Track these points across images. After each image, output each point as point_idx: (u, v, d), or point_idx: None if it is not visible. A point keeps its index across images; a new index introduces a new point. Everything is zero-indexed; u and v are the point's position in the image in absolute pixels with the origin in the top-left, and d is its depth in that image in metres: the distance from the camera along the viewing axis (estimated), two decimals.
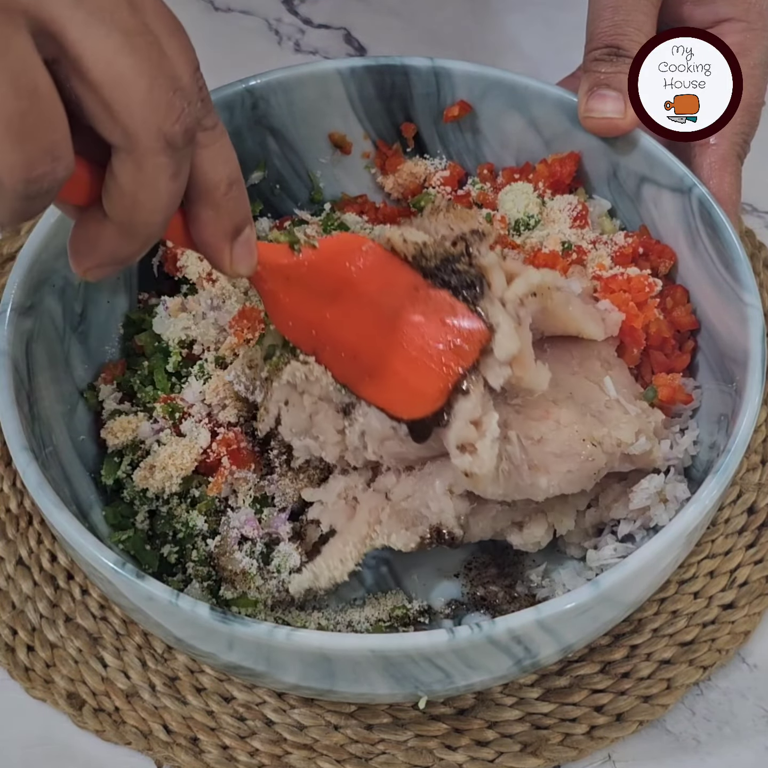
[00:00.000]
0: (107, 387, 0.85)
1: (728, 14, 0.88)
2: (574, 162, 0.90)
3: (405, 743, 0.80)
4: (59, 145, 0.53)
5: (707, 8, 0.88)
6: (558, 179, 0.90)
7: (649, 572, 0.69)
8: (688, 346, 0.84)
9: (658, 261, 0.85)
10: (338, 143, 0.97)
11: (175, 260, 0.88)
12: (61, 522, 0.68)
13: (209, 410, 0.82)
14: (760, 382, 0.73)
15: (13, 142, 0.52)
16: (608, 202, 0.90)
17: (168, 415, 0.82)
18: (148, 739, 0.81)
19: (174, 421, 0.82)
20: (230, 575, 0.78)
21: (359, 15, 1.28)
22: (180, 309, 0.87)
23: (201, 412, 0.82)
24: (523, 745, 0.80)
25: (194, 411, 0.82)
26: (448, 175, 0.95)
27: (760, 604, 0.86)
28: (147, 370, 0.85)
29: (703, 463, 0.81)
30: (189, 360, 0.85)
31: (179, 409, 0.82)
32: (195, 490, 0.80)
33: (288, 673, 0.67)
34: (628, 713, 0.81)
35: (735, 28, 0.87)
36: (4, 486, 0.92)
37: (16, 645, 0.85)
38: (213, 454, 0.80)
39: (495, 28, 1.28)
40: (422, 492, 0.74)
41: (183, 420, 0.82)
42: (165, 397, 0.83)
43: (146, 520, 0.81)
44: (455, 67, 0.92)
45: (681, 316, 0.83)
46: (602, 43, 0.85)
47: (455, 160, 0.97)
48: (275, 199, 0.97)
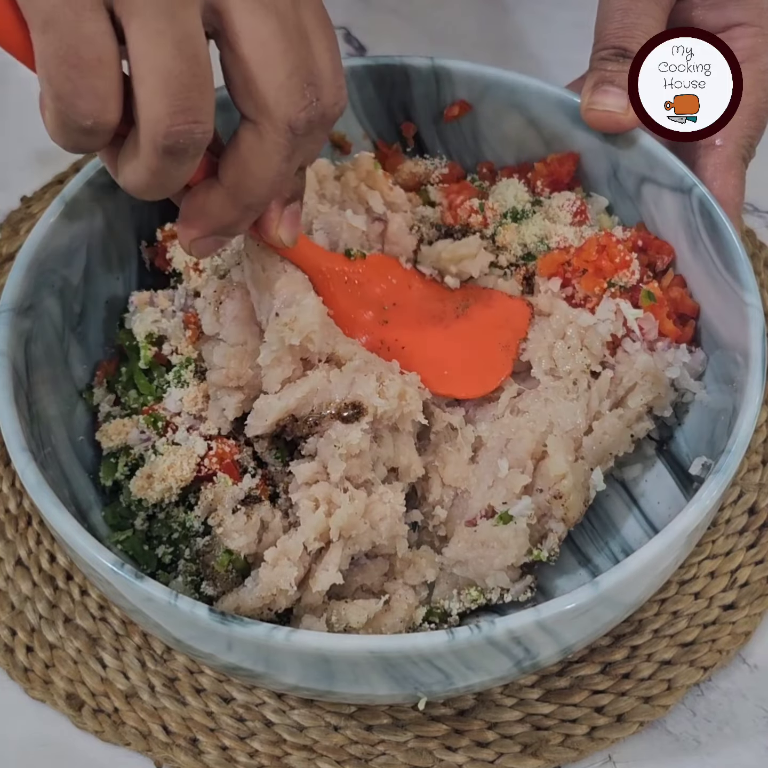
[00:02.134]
0: (100, 390, 0.85)
1: (740, 19, 0.88)
2: (573, 162, 0.90)
3: (405, 744, 0.80)
4: (204, 110, 0.59)
5: (718, 12, 0.89)
6: (556, 178, 0.90)
7: (649, 573, 0.69)
8: (690, 324, 0.84)
9: (656, 256, 0.86)
10: (338, 143, 0.97)
11: (165, 254, 0.88)
12: (60, 522, 0.68)
13: (195, 419, 0.82)
14: (760, 382, 0.73)
15: (165, 96, 0.58)
16: (606, 198, 0.90)
17: (151, 425, 0.81)
18: (148, 740, 0.81)
19: (158, 430, 0.81)
20: (213, 573, 0.77)
21: (359, 15, 1.28)
22: (147, 303, 0.87)
23: (187, 421, 0.81)
24: (524, 746, 0.80)
25: (180, 421, 0.81)
26: (447, 173, 0.95)
27: (761, 604, 0.86)
28: (126, 375, 0.85)
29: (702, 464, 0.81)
30: (158, 360, 0.84)
31: (161, 418, 0.82)
32: (192, 496, 0.80)
33: (287, 674, 0.67)
34: (628, 714, 0.81)
35: (746, 32, 0.87)
36: (3, 486, 0.92)
37: (16, 646, 0.85)
38: (205, 468, 0.79)
39: (495, 27, 1.28)
40: (477, 563, 0.77)
41: (169, 429, 0.81)
42: (147, 408, 0.82)
43: (145, 522, 0.81)
44: (455, 66, 0.92)
45: (679, 297, 0.84)
46: (610, 44, 0.85)
47: (455, 159, 0.97)
48: None
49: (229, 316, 0.79)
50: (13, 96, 1.17)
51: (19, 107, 0.61)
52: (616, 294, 0.84)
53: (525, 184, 0.92)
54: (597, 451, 0.81)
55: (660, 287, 0.84)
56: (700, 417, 0.83)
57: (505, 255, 0.89)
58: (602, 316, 0.82)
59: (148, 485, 0.79)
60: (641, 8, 0.85)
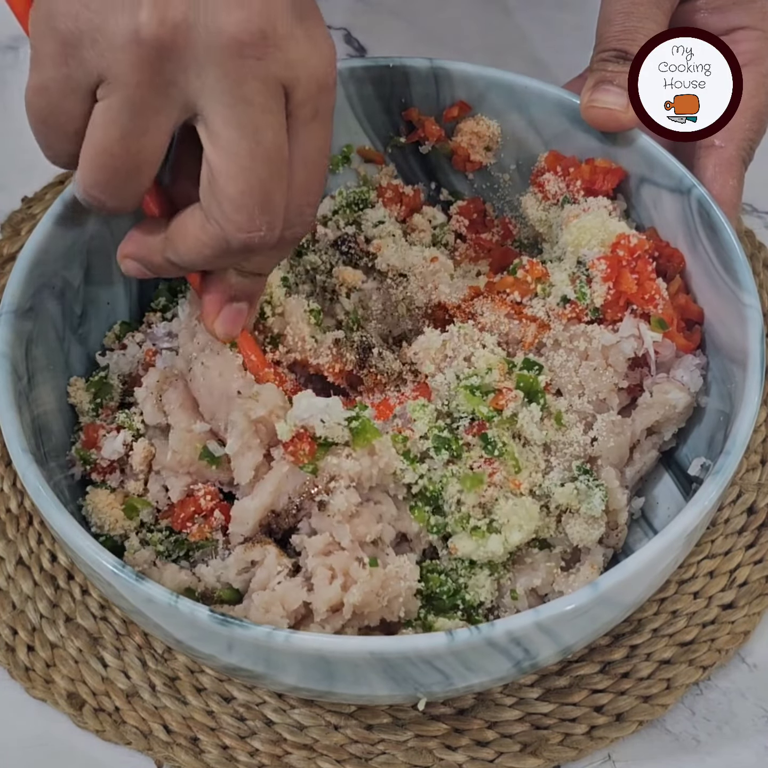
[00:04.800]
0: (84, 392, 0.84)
1: (743, 22, 0.88)
2: (618, 180, 0.87)
3: (405, 743, 0.80)
4: (124, 191, 0.65)
5: (722, 16, 0.89)
6: (596, 188, 0.87)
7: (649, 573, 0.69)
8: (696, 330, 0.84)
9: (667, 264, 0.84)
10: (369, 157, 0.97)
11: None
12: (60, 523, 0.68)
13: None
14: (759, 382, 0.73)
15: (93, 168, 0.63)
16: (624, 202, 0.89)
17: (81, 460, 0.79)
18: (148, 739, 0.81)
19: (85, 469, 0.79)
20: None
21: (359, 15, 1.28)
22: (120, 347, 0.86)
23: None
24: (523, 745, 0.80)
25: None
26: (465, 204, 0.95)
27: (760, 604, 0.86)
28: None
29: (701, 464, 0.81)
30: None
31: (90, 461, 0.79)
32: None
33: (287, 675, 0.67)
34: (627, 713, 0.81)
35: (749, 36, 0.87)
36: (4, 486, 0.92)
37: (17, 645, 0.85)
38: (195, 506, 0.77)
39: (495, 28, 1.27)
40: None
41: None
42: (85, 441, 0.80)
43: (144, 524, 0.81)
44: (454, 67, 0.92)
45: (684, 303, 0.83)
46: (611, 46, 0.85)
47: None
48: None
49: (175, 403, 0.77)
50: (14, 97, 1.17)
51: (20, 108, 0.62)
52: (636, 314, 0.82)
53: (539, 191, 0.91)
54: (635, 479, 0.83)
55: (668, 293, 0.83)
56: (699, 418, 0.83)
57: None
58: (624, 334, 0.80)
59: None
60: (643, 12, 0.85)
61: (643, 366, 0.82)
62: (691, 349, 0.82)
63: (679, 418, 0.82)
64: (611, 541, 0.80)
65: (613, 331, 0.81)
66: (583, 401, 0.80)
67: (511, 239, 0.94)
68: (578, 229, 0.84)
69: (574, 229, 0.84)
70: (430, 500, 0.74)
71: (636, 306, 0.81)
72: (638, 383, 0.82)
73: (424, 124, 0.94)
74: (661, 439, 0.83)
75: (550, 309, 0.82)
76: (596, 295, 0.81)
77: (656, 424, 0.82)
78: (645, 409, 0.81)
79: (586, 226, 0.83)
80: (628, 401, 0.83)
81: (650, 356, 0.81)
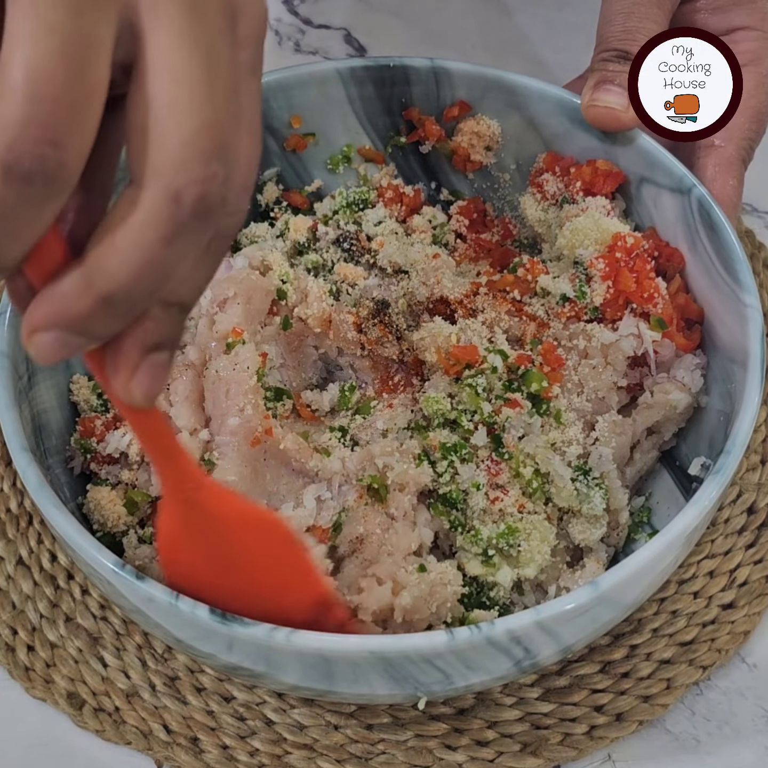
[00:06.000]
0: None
1: (743, 23, 0.88)
2: (617, 183, 0.87)
3: (405, 743, 0.80)
4: (73, 139, 0.44)
5: (722, 16, 0.89)
6: (593, 193, 0.88)
7: (649, 573, 0.69)
8: (696, 330, 0.84)
9: (667, 264, 0.85)
10: (369, 157, 0.97)
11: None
12: (60, 523, 0.68)
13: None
14: (759, 382, 0.73)
15: (28, 101, 0.43)
16: (623, 202, 0.89)
17: (80, 450, 0.80)
18: (148, 739, 0.81)
19: (84, 459, 0.80)
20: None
21: (359, 15, 1.28)
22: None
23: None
24: (523, 745, 0.80)
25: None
26: (465, 205, 0.95)
27: (760, 603, 0.86)
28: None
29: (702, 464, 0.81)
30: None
31: (90, 450, 0.79)
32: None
33: (287, 674, 0.67)
34: (627, 713, 0.81)
35: (749, 36, 0.88)
36: (4, 486, 0.92)
37: (17, 645, 0.85)
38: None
39: (495, 28, 1.28)
40: None
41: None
42: (82, 431, 0.80)
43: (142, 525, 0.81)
44: (454, 67, 0.92)
45: (684, 302, 0.83)
46: (612, 46, 0.86)
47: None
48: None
49: (181, 395, 0.77)
50: None
51: None
52: (636, 313, 0.82)
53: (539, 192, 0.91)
54: (635, 478, 0.83)
55: (668, 292, 0.83)
56: (699, 417, 0.83)
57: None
58: (624, 332, 0.81)
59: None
60: (644, 12, 0.86)
61: (643, 365, 0.82)
62: (691, 348, 0.82)
63: (679, 418, 0.82)
64: (612, 540, 0.81)
65: (613, 330, 0.81)
66: (582, 399, 0.80)
67: (511, 239, 0.95)
68: (571, 232, 0.84)
69: (567, 232, 0.84)
70: (450, 502, 0.75)
71: (635, 305, 0.81)
72: (638, 382, 0.82)
73: (425, 123, 0.94)
74: (661, 438, 0.84)
75: (550, 308, 0.82)
76: (595, 293, 0.81)
77: (656, 423, 0.82)
78: (645, 409, 0.81)
79: (578, 227, 0.84)
80: (628, 400, 0.83)
81: (650, 356, 0.81)
